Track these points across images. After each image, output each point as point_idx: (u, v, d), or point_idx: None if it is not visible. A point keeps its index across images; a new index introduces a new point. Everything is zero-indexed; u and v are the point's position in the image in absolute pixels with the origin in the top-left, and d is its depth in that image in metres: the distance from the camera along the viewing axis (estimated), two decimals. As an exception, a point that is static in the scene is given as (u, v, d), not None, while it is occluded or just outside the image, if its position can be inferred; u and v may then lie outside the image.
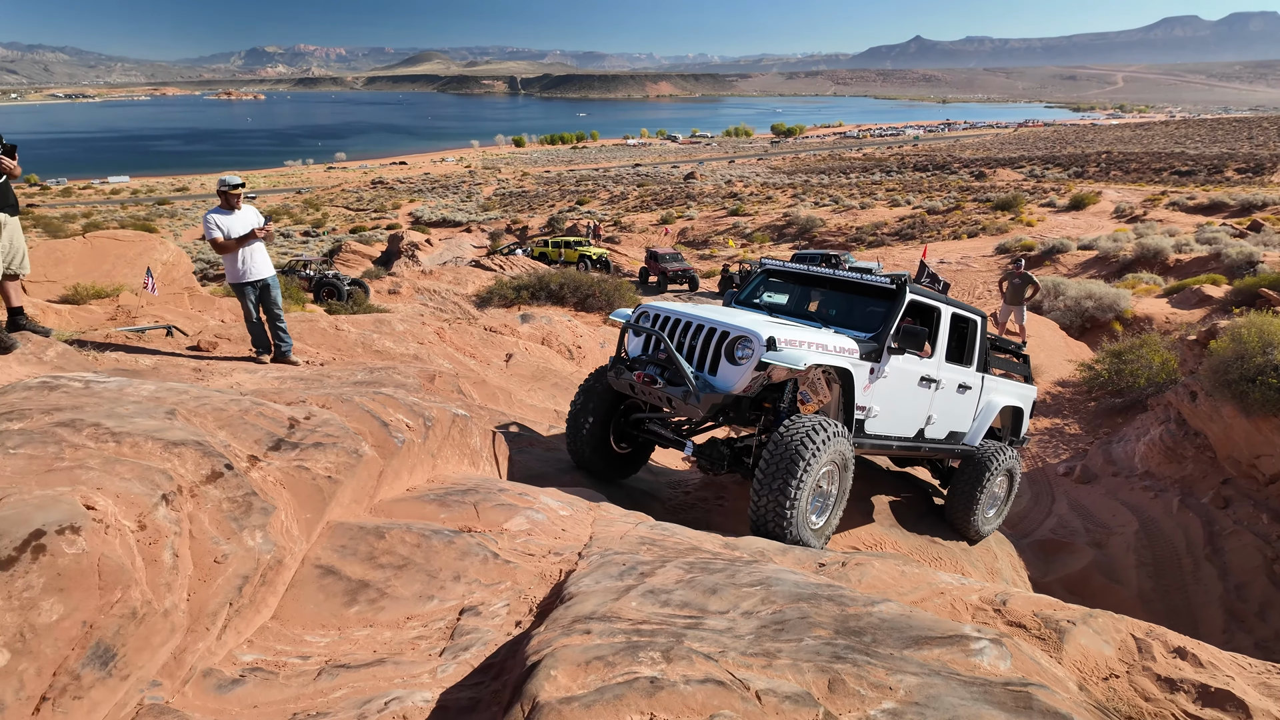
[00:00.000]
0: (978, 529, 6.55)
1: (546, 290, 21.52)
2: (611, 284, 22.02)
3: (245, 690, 2.14)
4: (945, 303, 5.97)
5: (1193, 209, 41.27)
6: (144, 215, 64.26)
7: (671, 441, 5.58)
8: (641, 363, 5.22)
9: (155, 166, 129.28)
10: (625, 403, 5.79)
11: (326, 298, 21.76)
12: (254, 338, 6.46)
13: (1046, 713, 2.39)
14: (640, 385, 5.01)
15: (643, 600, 2.63)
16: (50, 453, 2.42)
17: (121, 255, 16.73)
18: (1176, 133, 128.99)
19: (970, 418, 6.55)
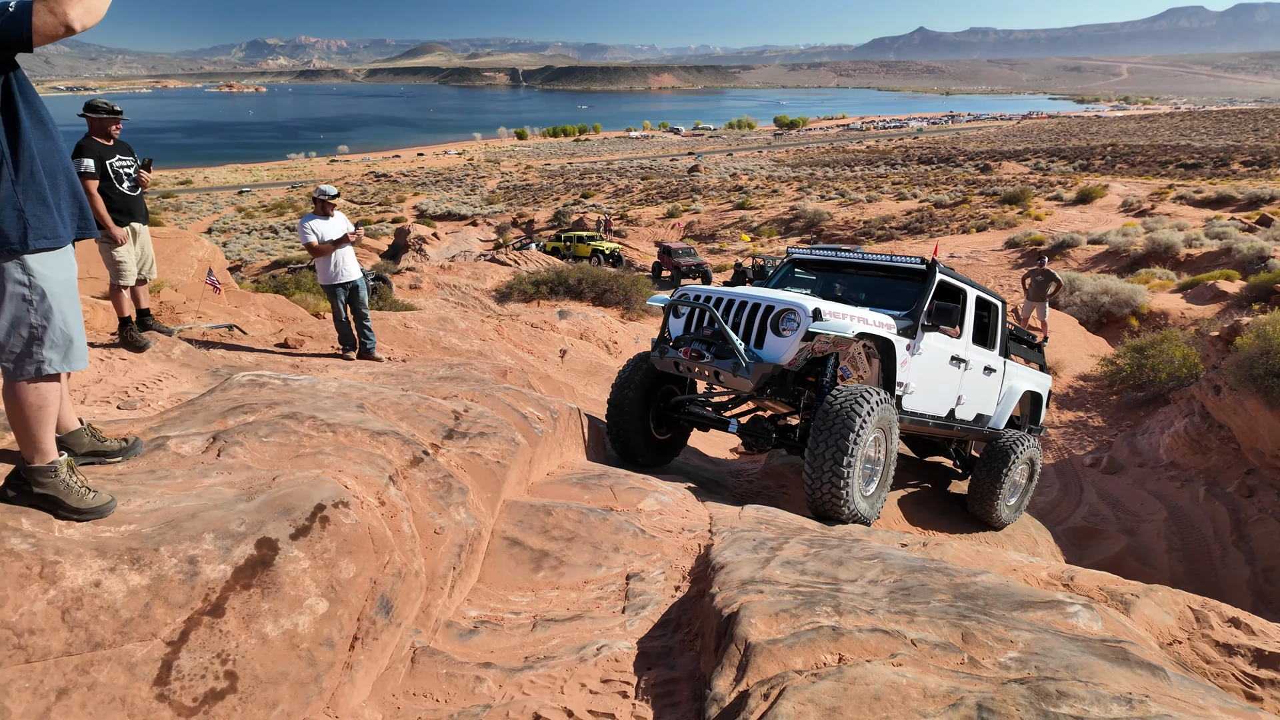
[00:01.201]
0: (1000, 517, 6.66)
1: (565, 285, 21.85)
2: (628, 279, 22.37)
3: (481, 638, 2.55)
4: (971, 285, 6.17)
5: (1200, 203, 41.37)
6: (149, 209, 64.50)
7: (714, 421, 5.65)
8: (686, 340, 5.25)
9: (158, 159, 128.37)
10: (663, 389, 5.89)
11: (351, 293, 22.19)
12: (340, 335, 6.86)
13: (1141, 663, 2.79)
14: (686, 361, 5.06)
15: (784, 569, 3.04)
16: (292, 441, 2.83)
17: (159, 252, 17.01)
18: (1182, 125, 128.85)
19: (995, 401, 6.70)
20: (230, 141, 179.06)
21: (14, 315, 2.07)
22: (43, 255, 2.09)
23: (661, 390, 5.87)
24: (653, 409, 5.85)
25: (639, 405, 5.66)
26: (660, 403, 5.89)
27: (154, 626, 1.98)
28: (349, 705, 2.09)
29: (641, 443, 5.71)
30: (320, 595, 2.19)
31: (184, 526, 2.25)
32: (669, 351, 5.22)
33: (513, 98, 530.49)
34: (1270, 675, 3.66)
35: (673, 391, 5.93)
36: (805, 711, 1.94)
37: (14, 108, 2.02)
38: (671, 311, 5.53)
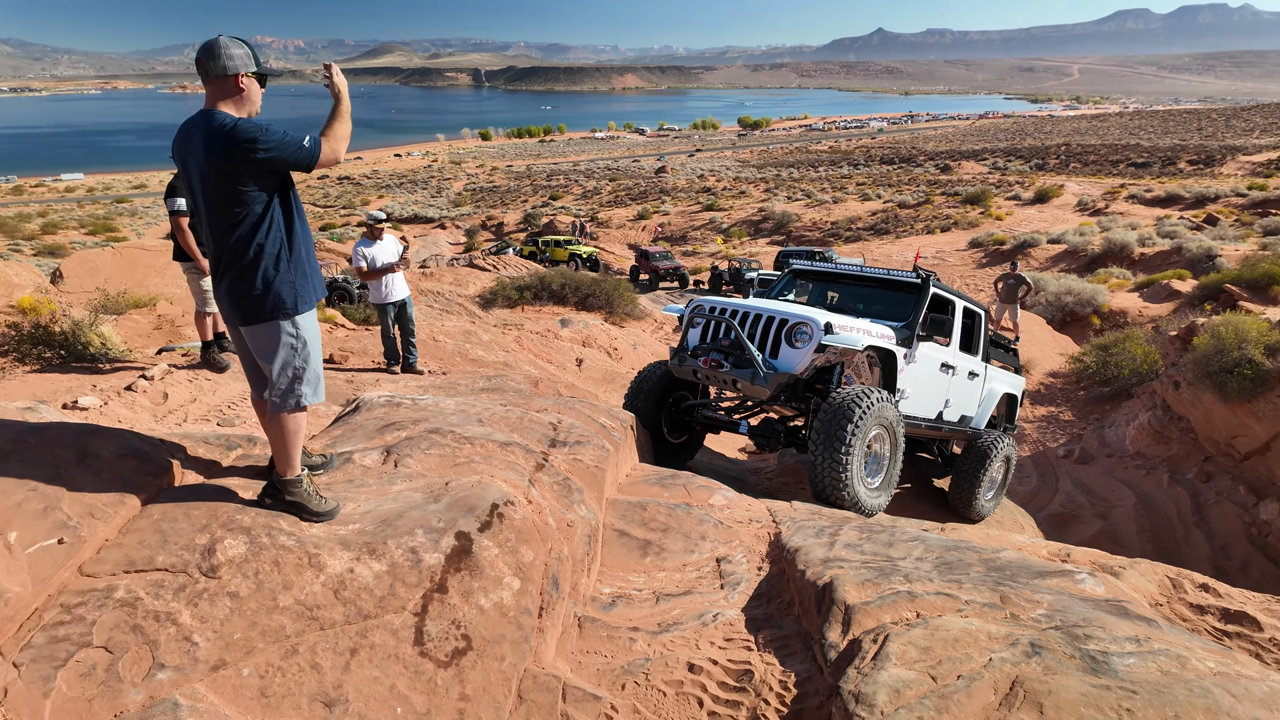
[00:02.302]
0: (979, 510, 7.06)
1: (548, 291, 22.25)
2: (610, 284, 22.89)
3: (619, 610, 3.13)
4: (958, 296, 6.59)
5: (1151, 202, 43.13)
6: (103, 214, 62.89)
7: (726, 425, 5.92)
8: (704, 350, 5.52)
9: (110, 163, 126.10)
10: (674, 395, 6.20)
11: (338, 301, 22.34)
12: (386, 350, 7.36)
13: (1139, 617, 3.47)
14: (706, 370, 5.35)
15: (848, 550, 3.67)
16: (447, 452, 3.38)
17: (151, 265, 17.21)
18: (1131, 124, 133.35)
19: (977, 403, 7.15)
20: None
21: (284, 360, 2.61)
22: (305, 315, 2.64)
23: (673, 396, 6.20)
24: (665, 414, 6.17)
25: (653, 411, 5.98)
26: (673, 408, 6.22)
27: (401, 601, 2.53)
28: (546, 660, 2.66)
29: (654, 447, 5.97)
30: (513, 575, 2.75)
31: (396, 524, 2.80)
32: (688, 360, 5.53)
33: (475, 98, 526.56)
34: (1235, 629, 4.40)
35: (684, 398, 6.28)
36: (907, 650, 2.56)
37: (291, 209, 2.57)
38: (689, 323, 5.86)
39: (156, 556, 2.42)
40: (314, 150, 2.52)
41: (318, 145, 2.53)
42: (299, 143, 2.48)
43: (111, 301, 11.62)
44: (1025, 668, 2.52)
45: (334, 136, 2.56)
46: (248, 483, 2.88)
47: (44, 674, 2.03)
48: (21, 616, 2.16)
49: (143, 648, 2.16)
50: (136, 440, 2.89)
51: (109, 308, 11.44)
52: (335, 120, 2.58)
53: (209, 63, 2.50)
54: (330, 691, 2.23)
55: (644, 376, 6.12)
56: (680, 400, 6.25)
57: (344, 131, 2.59)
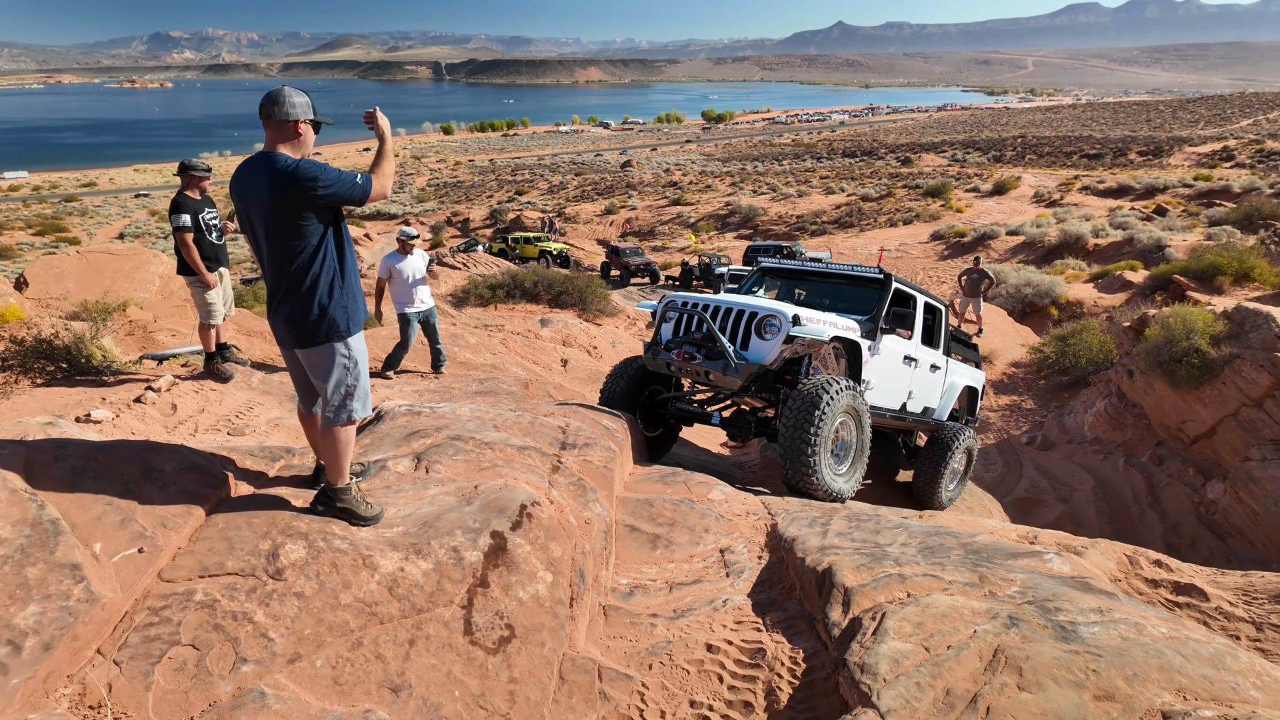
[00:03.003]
0: (941, 500, 7.30)
1: (521, 289, 22.33)
2: (583, 281, 23.09)
3: (637, 599, 3.42)
4: (919, 292, 6.84)
5: (1103, 193, 44.52)
6: (51, 214, 61.04)
7: (699, 416, 6.11)
8: (677, 343, 5.70)
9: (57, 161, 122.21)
10: (649, 389, 6.36)
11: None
12: (391, 359, 7.61)
13: (1100, 591, 3.86)
14: (679, 362, 5.52)
15: (839, 538, 4.00)
16: (472, 458, 3.63)
17: (119, 269, 16.97)
18: (1083, 116, 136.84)
19: (939, 395, 7.37)
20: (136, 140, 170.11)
21: (338, 379, 2.84)
22: (356, 336, 2.87)
23: (647, 390, 6.36)
24: (640, 408, 6.34)
25: (628, 405, 6.13)
26: (647, 402, 6.39)
27: (448, 596, 2.78)
28: (579, 645, 2.93)
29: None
30: (545, 569, 3.02)
31: (436, 526, 3.04)
32: (661, 354, 5.70)
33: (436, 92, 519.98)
34: (1185, 600, 4.83)
35: (658, 391, 6.44)
36: (902, 626, 2.89)
37: (342, 241, 2.80)
38: (661, 318, 6.00)
39: (226, 562, 2.64)
40: (366, 187, 2.75)
41: (369, 182, 2.77)
42: (353, 180, 2.71)
43: (82, 309, 11.52)
44: (1005, 637, 2.87)
45: (382, 174, 2.80)
46: (296, 491, 3.10)
47: (143, 670, 2.25)
48: (115, 619, 2.37)
49: (225, 644, 2.39)
50: (193, 455, 3.08)
51: (79, 315, 11.32)
52: (382, 159, 2.82)
53: (273, 108, 2.72)
54: (395, 678, 2.48)
55: (618, 372, 6.27)
56: (654, 394, 6.42)
57: (389, 169, 2.82)
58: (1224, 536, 8.75)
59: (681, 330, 5.82)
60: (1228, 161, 58.92)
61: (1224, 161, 58.92)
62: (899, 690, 2.54)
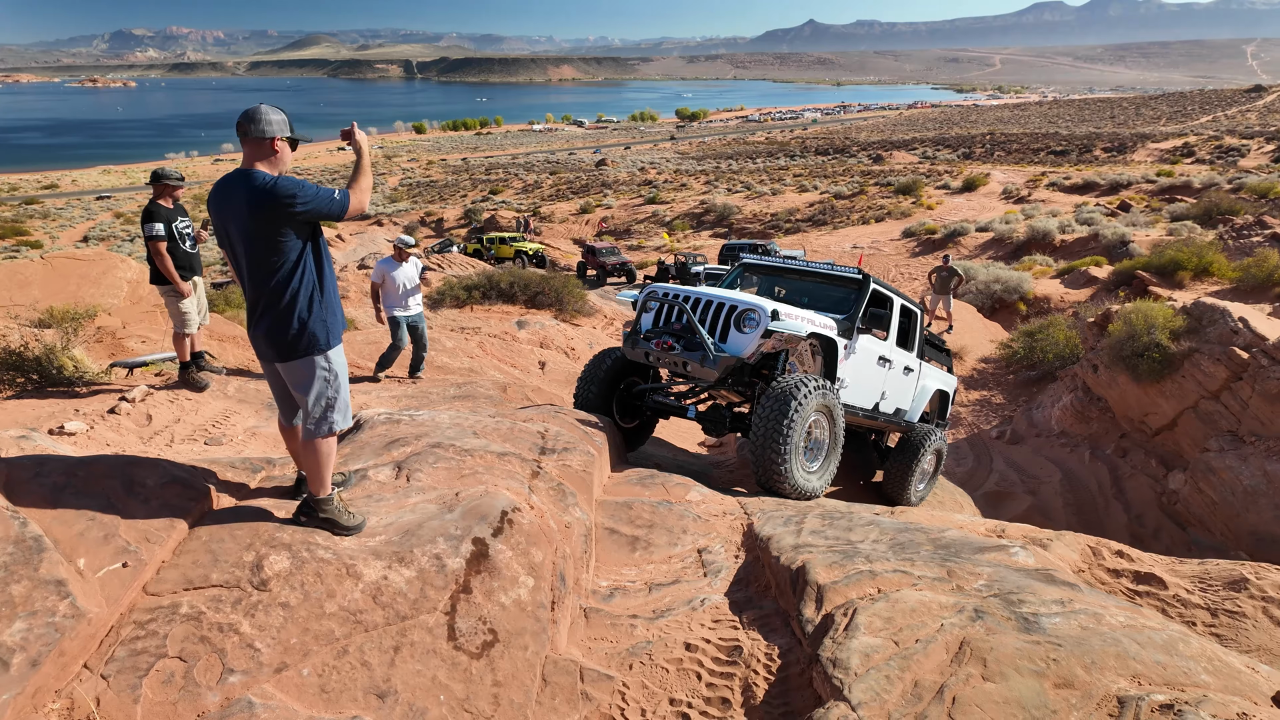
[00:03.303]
0: (910, 499, 7.40)
1: (497, 290, 22.27)
2: (559, 281, 23.11)
3: (618, 600, 3.49)
4: (896, 295, 6.89)
5: (1069, 189, 45.34)
6: (10, 217, 59.56)
7: (675, 409, 6.12)
8: (657, 333, 5.70)
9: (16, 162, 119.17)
10: (626, 380, 6.36)
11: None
12: (383, 360, 7.85)
13: (1063, 583, 4.01)
14: (658, 352, 5.53)
15: (813, 537, 4.11)
16: (452, 465, 3.68)
17: (85, 275, 16.68)
18: (1050, 113, 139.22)
19: (911, 397, 7.46)
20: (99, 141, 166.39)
21: (319, 391, 2.88)
22: (335, 349, 2.91)
23: (625, 382, 6.37)
24: (616, 399, 6.33)
25: (604, 396, 6.15)
26: (624, 394, 6.40)
27: (432, 603, 2.84)
28: (561, 647, 3.00)
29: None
30: (527, 574, 3.09)
31: (419, 534, 3.10)
32: (641, 343, 5.71)
33: (408, 90, 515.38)
34: (1145, 589, 5.02)
35: (635, 383, 6.44)
36: (873, 621, 3.00)
37: (320, 255, 2.84)
38: (642, 308, 6.02)
39: (211, 574, 2.67)
40: (344, 202, 2.79)
41: (346, 197, 2.81)
42: (331, 196, 2.75)
43: (49, 316, 11.34)
44: (971, 630, 2.99)
45: (359, 189, 2.84)
46: (278, 502, 3.14)
47: (130, 683, 2.28)
48: (101, 634, 2.40)
49: (212, 655, 2.42)
50: (174, 468, 3.10)
51: (46, 322, 11.14)
52: (360, 174, 2.86)
53: (249, 125, 2.75)
54: (381, 684, 2.53)
55: (596, 362, 6.28)
56: (632, 385, 6.42)
57: (367, 184, 2.87)
58: (1185, 525, 9.04)
59: (662, 321, 5.84)
60: (1189, 157, 60.39)
61: (1185, 157, 60.38)
62: (869, 683, 2.65)
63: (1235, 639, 4.55)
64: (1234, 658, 3.41)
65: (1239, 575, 5.02)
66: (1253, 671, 3.29)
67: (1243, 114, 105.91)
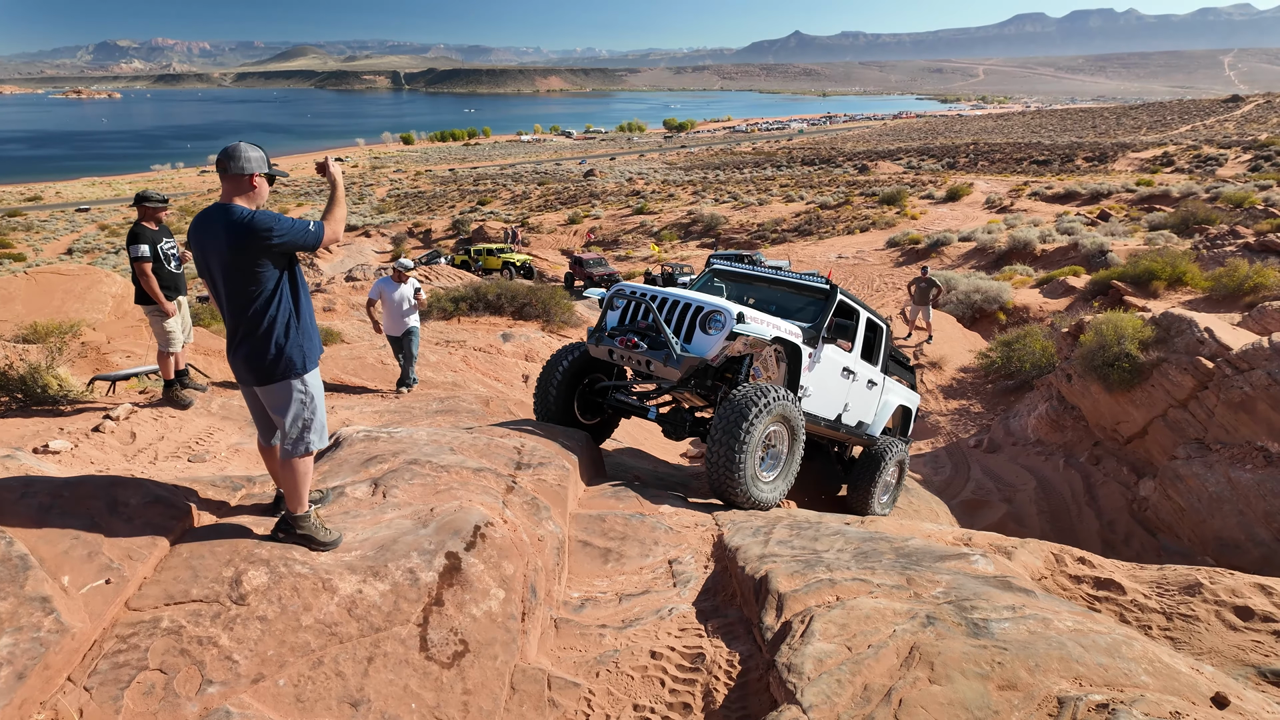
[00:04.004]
0: (873, 511, 7.39)
1: (484, 301, 22.38)
2: (546, 292, 23.24)
3: (588, 610, 3.62)
4: (863, 308, 6.93)
5: (1051, 198, 45.90)
6: (-14, 225, 59.26)
7: (636, 409, 6.04)
8: (622, 330, 5.66)
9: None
10: (589, 376, 6.33)
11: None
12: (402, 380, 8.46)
13: (1019, 589, 4.17)
14: (621, 349, 5.49)
15: (780, 546, 4.26)
16: (428, 481, 3.81)
17: (70, 290, 16.70)
18: (1033, 123, 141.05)
19: (874, 411, 7.41)
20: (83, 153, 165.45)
21: (295, 413, 3.00)
22: (312, 373, 3.04)
23: (589, 378, 6.33)
24: (578, 395, 6.30)
25: (566, 391, 6.12)
26: (587, 390, 6.36)
27: (405, 615, 2.96)
28: (530, 656, 3.13)
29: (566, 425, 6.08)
30: (498, 586, 3.21)
31: (393, 549, 3.22)
32: (604, 340, 5.67)
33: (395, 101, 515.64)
34: (1105, 594, 5.19)
35: (600, 379, 6.39)
36: (828, 627, 3.14)
37: (296, 283, 2.97)
38: (609, 305, 6.00)
39: (191, 590, 2.79)
40: (319, 233, 2.93)
41: (321, 229, 2.94)
42: (306, 228, 2.89)
43: (33, 332, 11.37)
44: (921, 635, 3.14)
45: (333, 219, 2.98)
46: (257, 519, 3.25)
47: (113, 694, 2.39)
48: (84, 648, 2.50)
49: (192, 668, 2.54)
50: (156, 488, 3.22)
51: (29, 338, 11.17)
52: (334, 205, 3.00)
53: (228, 162, 2.89)
54: (355, 694, 2.65)
55: (559, 355, 6.24)
56: (595, 382, 6.39)
57: (341, 214, 3.01)
58: (1155, 532, 9.24)
59: (628, 319, 5.81)
60: (1168, 167, 61.33)
61: (1165, 167, 61.31)
62: (821, 687, 2.79)
63: (1189, 641, 4.72)
64: (1179, 660, 3.58)
65: (1194, 580, 5.20)
66: (1196, 673, 3.46)
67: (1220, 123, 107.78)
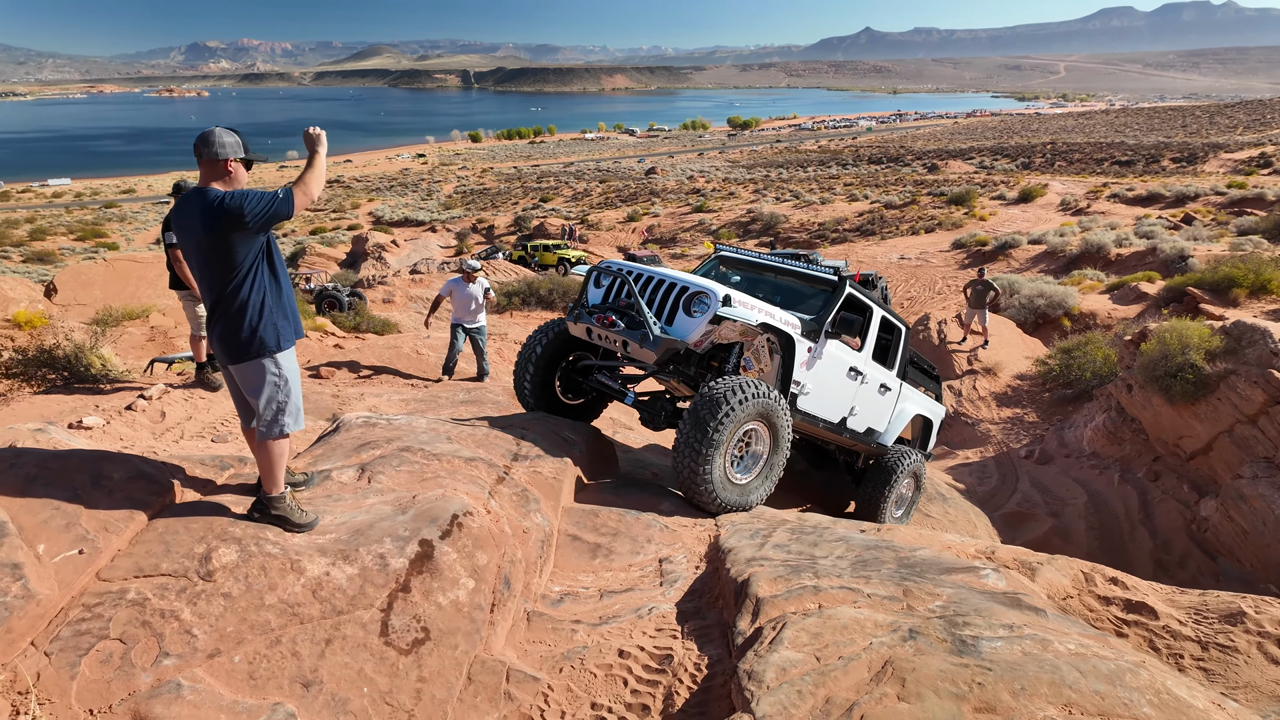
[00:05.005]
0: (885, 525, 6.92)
1: (536, 296, 22.65)
2: (598, 288, 23.28)
3: (566, 605, 3.58)
4: (878, 305, 6.42)
5: (1132, 201, 43.75)
6: (91, 220, 62.98)
7: (616, 392, 5.71)
8: (602, 308, 5.40)
9: (97, 168, 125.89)
10: (573, 354, 6.02)
11: (328, 309, 22.73)
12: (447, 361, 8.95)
13: (1029, 607, 3.94)
14: (599, 328, 5.21)
15: (775, 550, 4.13)
16: (416, 469, 3.83)
17: (143, 276, 17.56)
18: (1116, 121, 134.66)
19: (887, 418, 6.93)
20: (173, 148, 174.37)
21: (269, 395, 3.05)
22: (286, 353, 3.08)
23: (574, 355, 6.04)
24: (561, 374, 6.06)
25: (542, 369, 5.86)
26: (570, 368, 6.08)
27: (370, 599, 2.97)
28: (495, 648, 3.11)
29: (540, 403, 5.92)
30: (469, 576, 3.20)
31: (368, 533, 3.24)
32: (583, 317, 5.39)
33: (464, 100, 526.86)
34: (1135, 618, 4.88)
35: (586, 358, 6.07)
36: (799, 635, 3.02)
37: (273, 262, 3.02)
38: (593, 281, 5.71)
39: (161, 564, 2.86)
40: (289, 201, 2.93)
41: (291, 196, 2.94)
42: (275, 197, 2.91)
43: (105, 315, 11.98)
44: (899, 650, 2.98)
45: (305, 185, 2.95)
46: (239, 499, 3.32)
47: (70, 661, 2.47)
48: (50, 615, 2.60)
49: (151, 639, 2.60)
50: (142, 464, 3.32)
51: (103, 321, 11.76)
52: (308, 171, 2.99)
53: (204, 148, 2.95)
54: (308, 674, 2.67)
55: (538, 333, 5.96)
56: (580, 360, 6.09)
57: (315, 179, 2.97)
58: (1214, 555, 8.68)
59: (611, 296, 5.55)
60: (1265, 168, 57.63)
61: (1261, 168, 57.64)
62: (779, 697, 2.68)
63: (1223, 674, 4.40)
64: (1197, 693, 3.32)
65: (1237, 609, 4.84)
66: (1215, 708, 3.21)
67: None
